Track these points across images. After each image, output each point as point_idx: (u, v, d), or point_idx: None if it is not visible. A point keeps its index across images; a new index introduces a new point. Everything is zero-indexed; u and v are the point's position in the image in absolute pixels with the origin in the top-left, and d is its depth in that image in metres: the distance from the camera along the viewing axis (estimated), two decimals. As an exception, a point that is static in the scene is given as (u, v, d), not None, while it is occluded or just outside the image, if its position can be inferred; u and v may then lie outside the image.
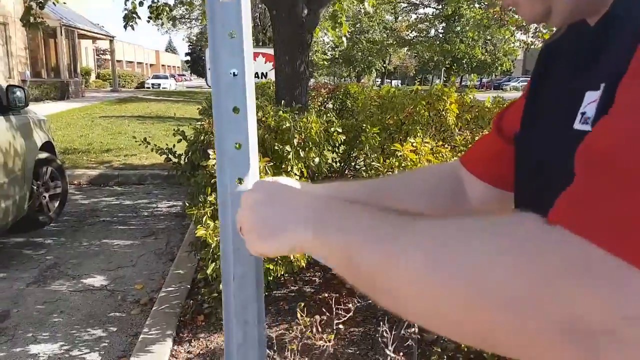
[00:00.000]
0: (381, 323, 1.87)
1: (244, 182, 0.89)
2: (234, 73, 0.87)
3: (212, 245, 2.37)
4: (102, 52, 40.25)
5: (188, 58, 74.55)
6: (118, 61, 38.93)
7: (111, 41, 29.70)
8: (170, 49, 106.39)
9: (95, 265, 4.09)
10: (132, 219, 5.44)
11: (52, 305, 3.37)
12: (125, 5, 5.52)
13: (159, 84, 39.11)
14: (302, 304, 1.99)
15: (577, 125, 0.52)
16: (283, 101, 3.77)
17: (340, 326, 2.07)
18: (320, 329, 1.81)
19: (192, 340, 2.92)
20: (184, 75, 70.70)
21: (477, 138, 3.54)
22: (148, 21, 6.14)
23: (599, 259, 0.33)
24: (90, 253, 4.37)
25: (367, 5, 4.52)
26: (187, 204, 2.71)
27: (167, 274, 3.84)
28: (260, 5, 17.09)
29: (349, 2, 6.54)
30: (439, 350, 2.08)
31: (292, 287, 3.55)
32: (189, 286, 3.52)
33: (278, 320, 3.07)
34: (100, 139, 10.07)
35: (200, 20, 20.67)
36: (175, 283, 3.56)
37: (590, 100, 0.50)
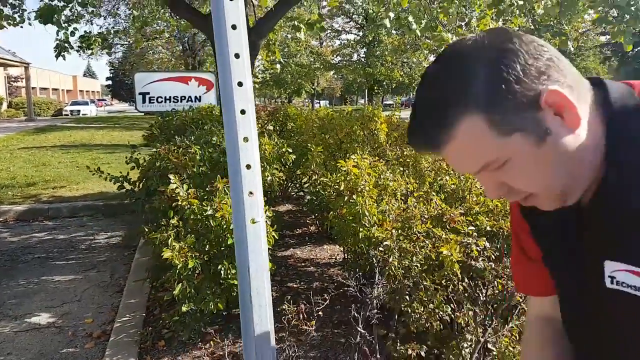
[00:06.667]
0: (352, 307, 2.11)
1: (253, 195, 1.08)
2: (242, 110, 1.06)
3: (179, 266, 2.46)
4: (13, 79, 37.81)
5: (109, 82, 71.74)
6: (32, 88, 36.70)
7: (26, 68, 28.07)
8: (89, 73, 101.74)
9: (37, 304, 3.94)
10: (69, 253, 5.26)
11: (-2, 348, 3.23)
12: (57, 35, 5.41)
13: (79, 111, 37.31)
14: (289, 297, 2.16)
15: (610, 285, 0.68)
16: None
17: (320, 313, 2.28)
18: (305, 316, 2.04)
19: (156, 366, 2.94)
20: (104, 100, 67.91)
21: (406, 152, 3.90)
22: (78, 51, 6.01)
23: None
24: (29, 291, 4.20)
25: (302, 34, 4.81)
26: (147, 230, 2.77)
27: (116, 305, 3.79)
28: (190, 32, 17.05)
29: (283, 31, 6.82)
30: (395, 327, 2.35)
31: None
32: (144, 314, 3.52)
33: (240, 337, 3.17)
34: (23, 172, 9.54)
35: (132, 45, 20.19)
36: (129, 313, 3.55)
37: (616, 269, 0.67)
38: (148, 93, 12.57)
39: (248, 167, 1.05)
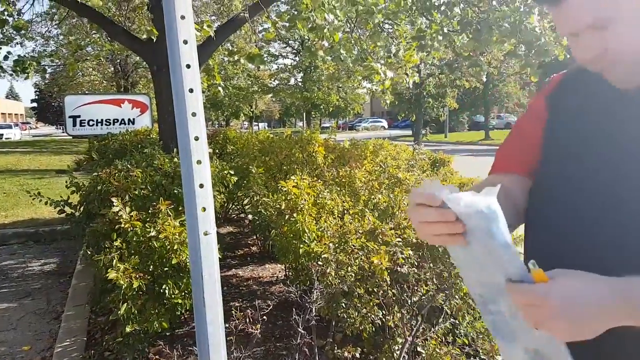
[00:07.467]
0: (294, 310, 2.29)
1: (206, 210, 1.25)
2: (196, 137, 1.24)
3: (124, 286, 2.53)
4: None
5: (35, 105, 67.93)
6: (-54, 111, 34.24)
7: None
8: (12, 95, 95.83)
9: (-32, 334, 3.78)
10: (1, 282, 5.04)
11: None
12: (-12, 57, 5.25)
13: (2, 134, 35.38)
14: (237, 304, 2.29)
15: None
16: (176, 149, 4.02)
17: (264, 317, 2.44)
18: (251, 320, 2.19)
19: (99, 388, 2.94)
20: (29, 123, 64.34)
21: (342, 173, 4.16)
22: (12, 75, 5.83)
23: None
24: (-42, 322, 4.01)
25: (242, 59, 5.01)
26: (89, 252, 2.81)
27: (55, 332, 3.73)
28: (123, 54, 16.75)
29: (221, 54, 6.99)
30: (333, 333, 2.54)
31: (194, 324, 3.71)
32: (85, 339, 3.49)
33: (185, 354, 3.22)
34: (-58, 199, 8.93)
35: (62, 67, 19.40)
36: (69, 338, 3.50)
37: None
38: (79, 116, 12.20)
39: (201, 186, 1.22)
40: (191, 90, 1.23)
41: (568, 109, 0.97)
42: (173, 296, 2.85)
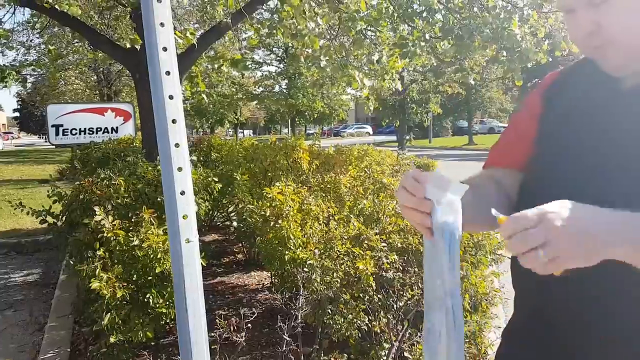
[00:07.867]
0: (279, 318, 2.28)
1: (187, 218, 1.24)
2: (176, 144, 1.23)
3: (107, 296, 2.50)
4: None
5: (17, 114, 66.83)
6: None
7: None
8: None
9: (-53, 347, 3.69)
10: (-19, 294, 4.94)
11: None
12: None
13: (-17, 145, 34.80)
14: (222, 312, 2.28)
15: None
16: (159, 157, 3.99)
17: (249, 325, 2.43)
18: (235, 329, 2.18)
19: (82, 401, 2.89)
20: (11, 132, 63.41)
21: (327, 179, 4.16)
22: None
23: None
24: (-64, 335, 3.91)
25: (225, 67, 5.01)
26: (72, 262, 2.77)
27: (37, 344, 3.66)
28: (106, 63, 16.59)
29: (204, 62, 6.98)
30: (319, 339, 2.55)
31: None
32: (68, 350, 3.44)
33: (170, 364, 3.19)
34: None
35: (44, 76, 19.14)
36: (52, 349, 3.45)
37: None
38: (62, 125, 12.08)
39: (182, 193, 1.21)
40: (171, 97, 1.23)
41: (562, 105, 0.97)
42: (157, 305, 2.82)
